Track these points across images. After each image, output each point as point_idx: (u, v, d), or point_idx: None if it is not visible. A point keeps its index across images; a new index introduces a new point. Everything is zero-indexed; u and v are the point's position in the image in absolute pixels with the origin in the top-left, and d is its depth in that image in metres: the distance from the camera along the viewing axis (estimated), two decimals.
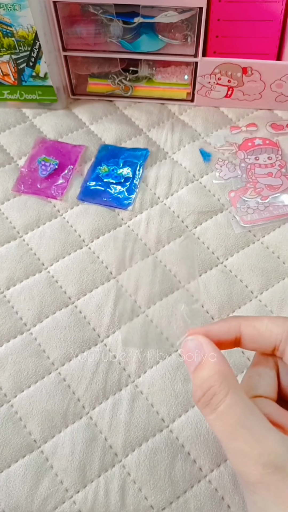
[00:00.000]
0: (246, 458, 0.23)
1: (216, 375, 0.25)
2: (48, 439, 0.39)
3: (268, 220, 0.49)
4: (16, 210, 0.51)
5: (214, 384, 0.25)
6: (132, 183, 0.53)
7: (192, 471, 0.37)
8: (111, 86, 0.58)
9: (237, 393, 0.25)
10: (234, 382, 0.25)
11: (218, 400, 0.24)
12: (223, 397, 0.24)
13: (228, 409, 0.24)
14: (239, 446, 0.24)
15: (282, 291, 0.45)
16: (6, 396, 0.41)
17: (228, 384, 0.25)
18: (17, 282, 0.46)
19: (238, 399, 0.25)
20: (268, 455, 0.23)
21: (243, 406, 0.24)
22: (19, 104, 0.59)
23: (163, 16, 0.50)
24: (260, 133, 0.56)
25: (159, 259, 0.47)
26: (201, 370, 0.26)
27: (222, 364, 0.26)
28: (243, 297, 0.45)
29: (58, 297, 0.45)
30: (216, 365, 0.26)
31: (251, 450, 0.23)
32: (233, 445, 0.24)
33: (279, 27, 0.53)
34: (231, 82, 0.55)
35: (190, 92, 0.58)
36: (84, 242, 0.49)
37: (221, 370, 0.26)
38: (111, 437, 0.39)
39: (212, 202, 0.51)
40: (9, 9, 0.48)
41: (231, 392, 0.25)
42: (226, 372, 0.26)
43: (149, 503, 0.36)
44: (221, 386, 0.25)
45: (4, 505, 0.36)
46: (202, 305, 0.45)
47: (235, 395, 0.25)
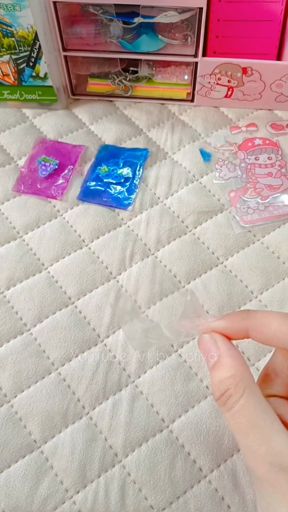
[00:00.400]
0: (254, 455, 0.25)
1: (232, 378, 0.26)
2: (48, 439, 0.39)
3: (268, 220, 0.49)
4: (16, 210, 0.51)
5: (230, 387, 0.26)
6: (132, 183, 0.53)
7: (192, 471, 0.37)
8: (111, 86, 0.58)
9: (252, 394, 0.26)
10: (249, 382, 0.26)
11: (233, 401, 0.26)
12: (238, 399, 0.26)
13: (242, 409, 0.26)
14: (249, 444, 0.25)
15: (282, 291, 0.45)
16: (6, 396, 0.41)
17: (243, 385, 0.26)
18: (17, 282, 0.46)
19: (252, 400, 0.26)
20: (274, 455, 0.24)
21: (255, 406, 0.26)
22: (19, 104, 0.59)
23: (163, 16, 0.50)
24: (260, 133, 0.56)
25: (159, 259, 0.47)
26: (218, 370, 0.27)
27: (238, 364, 0.27)
28: (243, 297, 0.45)
29: (58, 297, 0.45)
30: (232, 366, 0.27)
31: (259, 448, 0.24)
32: (244, 442, 0.25)
33: (279, 27, 0.53)
34: (231, 82, 0.55)
35: (190, 92, 0.58)
36: (84, 242, 0.49)
37: (237, 371, 0.27)
38: (111, 437, 0.39)
39: (212, 202, 0.51)
40: (9, 9, 0.48)
41: (246, 393, 0.26)
42: (241, 372, 0.27)
43: (149, 503, 0.36)
44: (236, 388, 0.26)
45: (4, 505, 0.36)
46: (202, 305, 0.45)
47: (249, 396, 0.26)
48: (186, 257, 0.47)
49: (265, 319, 0.28)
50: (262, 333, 0.28)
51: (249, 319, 0.28)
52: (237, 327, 0.29)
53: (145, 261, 0.47)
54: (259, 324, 0.28)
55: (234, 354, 0.27)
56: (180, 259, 0.47)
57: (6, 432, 0.39)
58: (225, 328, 0.29)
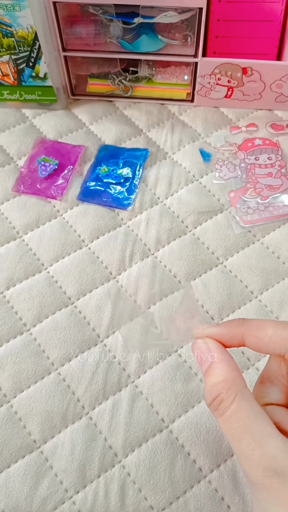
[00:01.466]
0: (248, 460, 0.25)
1: (224, 382, 0.26)
2: (47, 439, 0.39)
3: (268, 220, 0.49)
4: (16, 210, 0.51)
5: (222, 392, 0.26)
6: (132, 183, 0.52)
7: (192, 472, 0.37)
8: (111, 86, 0.58)
9: (244, 399, 0.26)
10: (241, 386, 0.26)
11: (225, 406, 0.26)
12: (230, 404, 0.26)
13: (234, 414, 0.25)
14: (242, 449, 0.25)
15: (282, 291, 0.45)
16: (5, 396, 0.41)
17: (235, 389, 0.26)
18: (17, 283, 0.46)
19: (244, 404, 0.26)
20: (268, 460, 0.24)
21: (248, 411, 0.25)
22: (18, 104, 0.59)
23: (163, 16, 0.50)
24: (260, 133, 0.56)
25: (159, 259, 0.47)
26: (211, 375, 0.27)
27: (230, 370, 0.27)
28: (243, 297, 0.45)
29: (57, 297, 0.45)
30: (224, 371, 0.27)
31: (253, 453, 0.24)
32: (237, 447, 0.25)
33: (279, 27, 0.53)
34: (231, 82, 0.55)
35: (190, 92, 0.58)
36: (84, 243, 0.49)
37: (228, 376, 0.27)
38: (111, 437, 0.39)
39: (212, 202, 0.51)
40: (8, 10, 0.48)
41: (237, 398, 0.26)
42: (233, 377, 0.27)
43: (149, 504, 0.36)
44: (228, 393, 0.26)
45: (4, 506, 0.36)
46: (202, 305, 0.45)
47: (241, 401, 0.26)
48: (186, 257, 0.47)
49: (260, 325, 0.28)
50: (257, 338, 0.28)
51: (244, 325, 0.28)
52: (232, 333, 0.29)
53: (145, 261, 0.47)
54: (255, 329, 0.28)
55: (226, 359, 0.27)
56: (180, 259, 0.47)
57: (6, 432, 0.39)
58: (220, 334, 0.29)
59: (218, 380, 0.27)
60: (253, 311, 0.44)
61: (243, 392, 0.26)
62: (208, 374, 0.27)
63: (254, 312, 0.44)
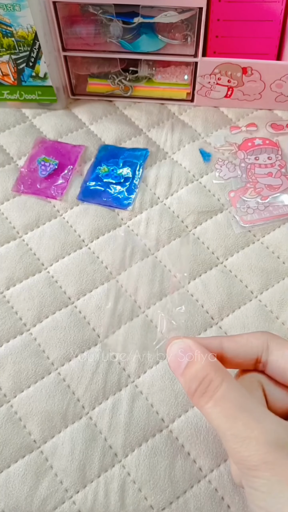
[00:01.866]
0: (247, 440, 0.24)
1: (210, 366, 0.26)
2: (47, 439, 0.39)
3: (268, 220, 0.49)
4: (15, 210, 0.51)
5: (210, 372, 0.26)
6: (132, 183, 0.52)
7: (192, 471, 0.37)
8: (111, 86, 0.58)
9: (232, 380, 0.26)
10: (227, 372, 0.26)
11: (215, 386, 0.25)
12: (220, 383, 0.25)
13: (227, 393, 0.25)
14: (239, 429, 0.24)
15: (282, 291, 0.45)
16: (5, 396, 0.41)
17: (222, 373, 0.26)
18: (17, 282, 0.46)
19: (234, 384, 0.25)
20: (269, 434, 0.23)
21: (239, 390, 0.25)
22: (18, 104, 0.59)
23: (163, 16, 0.50)
24: (260, 133, 0.56)
25: (159, 259, 0.47)
26: (193, 365, 0.26)
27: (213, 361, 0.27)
28: (243, 297, 0.45)
29: (57, 297, 0.45)
30: (207, 361, 0.26)
31: (252, 431, 0.24)
32: (233, 429, 0.24)
33: (279, 27, 0.53)
34: (231, 82, 0.55)
35: (190, 92, 0.58)
36: (84, 242, 0.49)
37: (213, 362, 0.26)
38: (111, 437, 0.39)
39: (212, 202, 0.51)
40: (8, 9, 0.48)
41: (226, 379, 0.25)
42: (218, 364, 0.26)
43: (149, 503, 0.36)
44: (217, 374, 0.25)
45: (3, 505, 0.36)
46: (202, 305, 0.45)
47: (230, 381, 0.25)
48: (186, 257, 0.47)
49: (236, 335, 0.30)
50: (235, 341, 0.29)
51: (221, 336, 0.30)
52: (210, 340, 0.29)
53: (144, 261, 0.47)
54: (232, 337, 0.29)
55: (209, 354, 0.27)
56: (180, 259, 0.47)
57: (6, 432, 0.39)
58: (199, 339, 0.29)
59: (203, 365, 0.26)
60: (253, 311, 0.44)
61: (230, 376, 0.26)
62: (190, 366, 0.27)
63: (254, 312, 0.44)
